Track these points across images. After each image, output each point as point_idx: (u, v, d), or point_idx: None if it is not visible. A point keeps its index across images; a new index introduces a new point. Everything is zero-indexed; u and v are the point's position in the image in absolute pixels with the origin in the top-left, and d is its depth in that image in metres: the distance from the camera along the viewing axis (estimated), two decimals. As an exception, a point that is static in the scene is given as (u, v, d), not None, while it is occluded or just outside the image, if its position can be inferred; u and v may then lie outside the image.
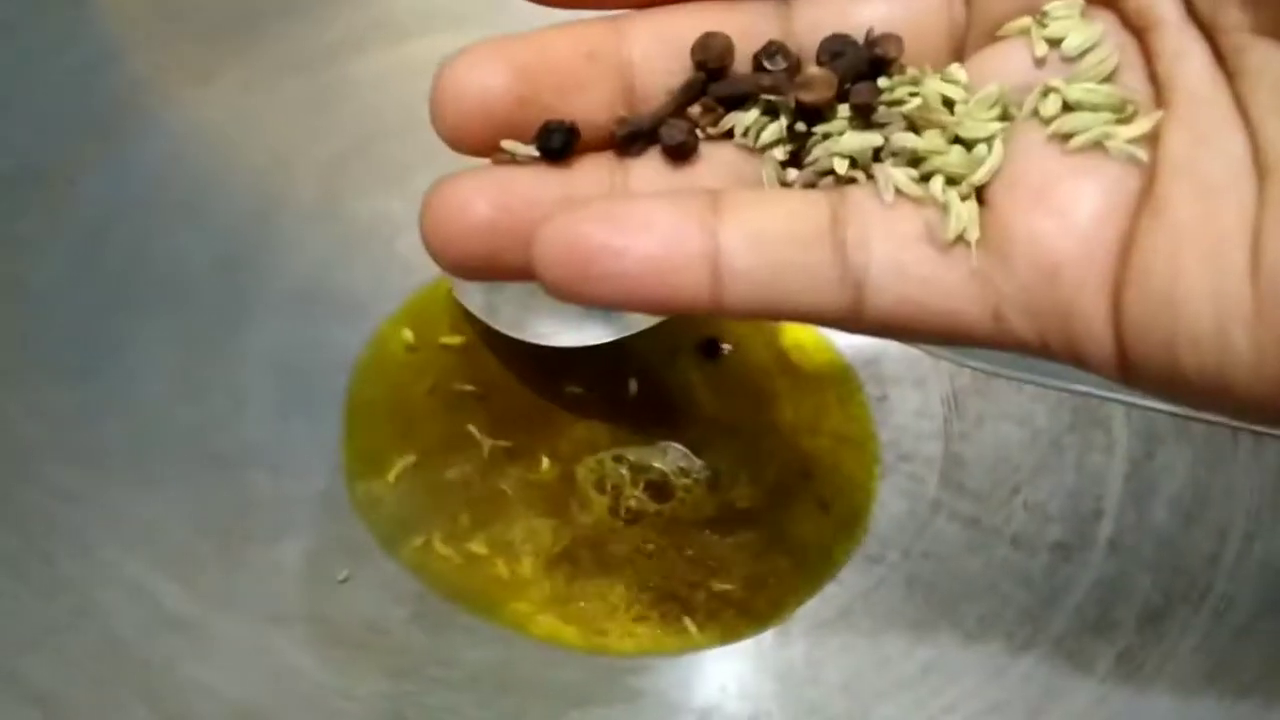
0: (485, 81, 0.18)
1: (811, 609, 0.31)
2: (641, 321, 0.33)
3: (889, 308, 0.17)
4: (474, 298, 0.35)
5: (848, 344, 0.36)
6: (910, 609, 0.31)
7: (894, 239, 0.18)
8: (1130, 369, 0.17)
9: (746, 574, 0.32)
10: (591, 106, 0.18)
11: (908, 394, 0.36)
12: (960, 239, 0.17)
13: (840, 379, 0.36)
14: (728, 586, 0.31)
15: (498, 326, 0.34)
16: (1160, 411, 0.28)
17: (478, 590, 0.31)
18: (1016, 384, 0.34)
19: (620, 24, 0.19)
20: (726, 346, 0.36)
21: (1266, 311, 0.16)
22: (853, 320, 0.18)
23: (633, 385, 0.34)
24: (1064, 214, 0.17)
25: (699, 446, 0.34)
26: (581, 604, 0.31)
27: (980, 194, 0.18)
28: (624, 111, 0.19)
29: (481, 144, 0.18)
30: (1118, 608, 0.30)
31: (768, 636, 0.31)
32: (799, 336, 0.37)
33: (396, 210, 0.37)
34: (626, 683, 0.30)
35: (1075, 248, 0.17)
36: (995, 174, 0.18)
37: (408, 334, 0.35)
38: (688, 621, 0.31)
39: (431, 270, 0.36)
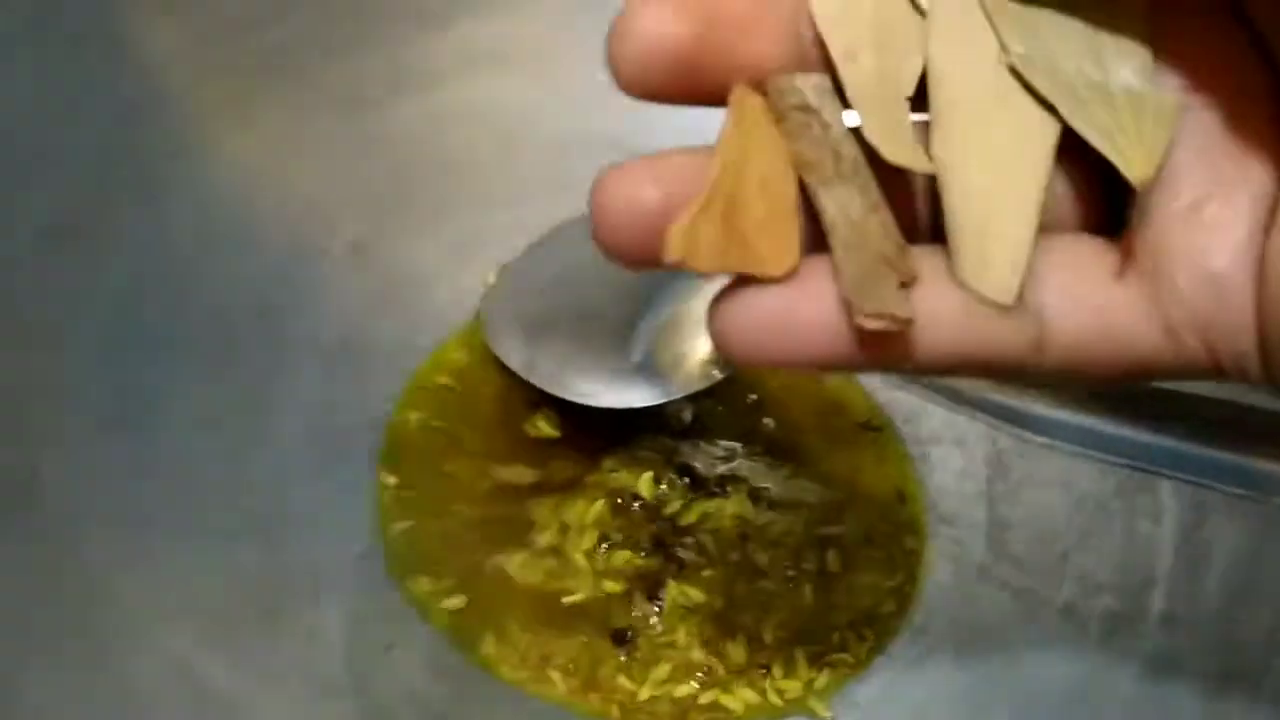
0: (663, 22, 0.17)
1: (859, 681, 0.31)
2: (688, 385, 0.32)
3: (1070, 340, 0.17)
4: (511, 354, 0.34)
5: (887, 400, 0.36)
6: (960, 683, 0.30)
7: (1066, 268, 0.17)
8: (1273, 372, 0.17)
9: (806, 650, 0.31)
10: (765, 49, 0.17)
11: (949, 453, 0.35)
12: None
13: (882, 438, 0.35)
14: (779, 663, 0.31)
15: (534, 382, 0.34)
16: (1208, 487, 0.28)
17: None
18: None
19: None
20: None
21: None
22: (1034, 360, 0.17)
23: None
24: (1219, 228, 0.17)
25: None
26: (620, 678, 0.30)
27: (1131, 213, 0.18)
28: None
29: (660, 86, 0.17)
30: (1175, 687, 0.29)
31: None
32: (838, 393, 0.36)
33: (430, 258, 0.37)
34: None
35: (1231, 261, 0.17)
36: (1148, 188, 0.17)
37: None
38: (736, 699, 0.30)
39: (460, 321, 0.36)
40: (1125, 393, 0.27)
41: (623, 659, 0.31)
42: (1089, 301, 0.17)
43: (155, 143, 0.33)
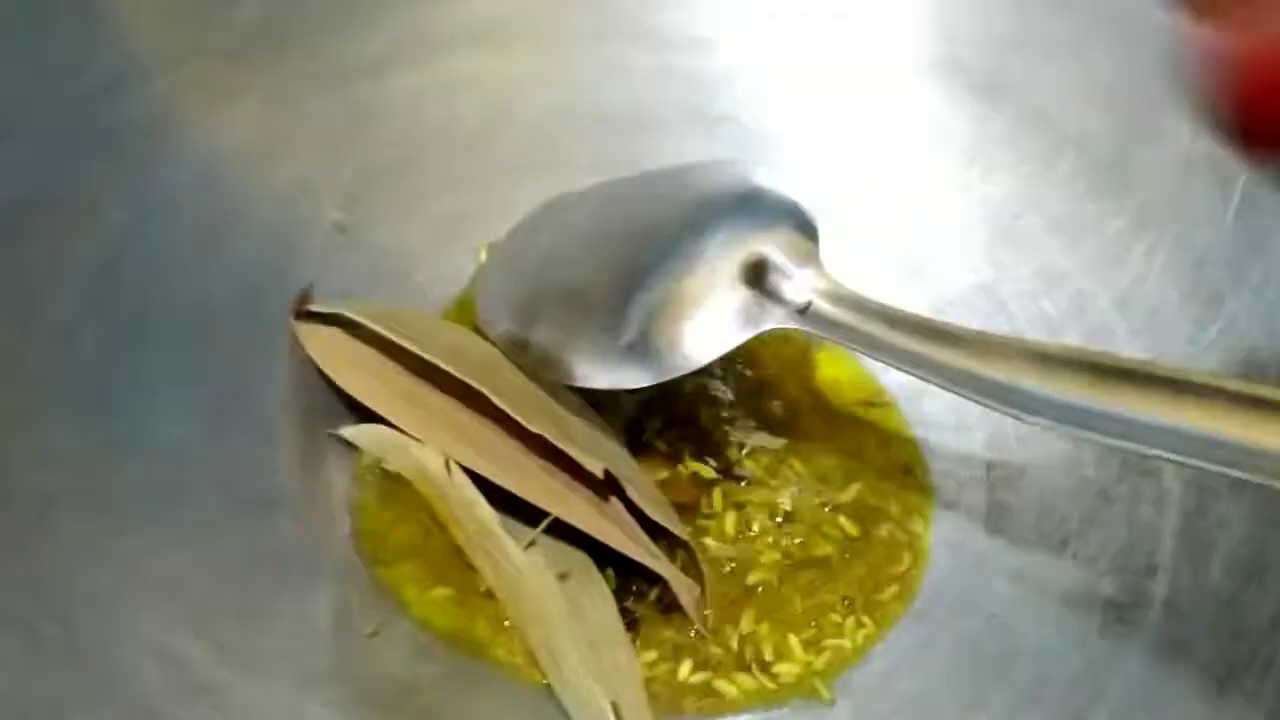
0: None
1: (857, 667, 0.30)
2: (682, 366, 0.32)
3: None
4: (501, 335, 0.33)
5: (889, 382, 0.35)
6: (961, 670, 0.30)
7: None
8: None
9: (807, 635, 0.30)
10: None
11: (948, 438, 0.34)
12: None
13: (886, 415, 0.35)
14: (785, 650, 0.30)
15: (525, 364, 0.33)
16: (1210, 470, 0.27)
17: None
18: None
19: None
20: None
21: None
22: None
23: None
24: None
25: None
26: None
27: None
28: None
29: None
30: (1178, 676, 0.29)
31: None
32: (836, 373, 0.36)
33: (418, 235, 0.36)
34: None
35: None
36: None
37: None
38: (732, 684, 0.29)
39: (448, 298, 0.35)
40: (1125, 372, 0.26)
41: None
42: None
43: (137, 117, 0.32)
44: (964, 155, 0.38)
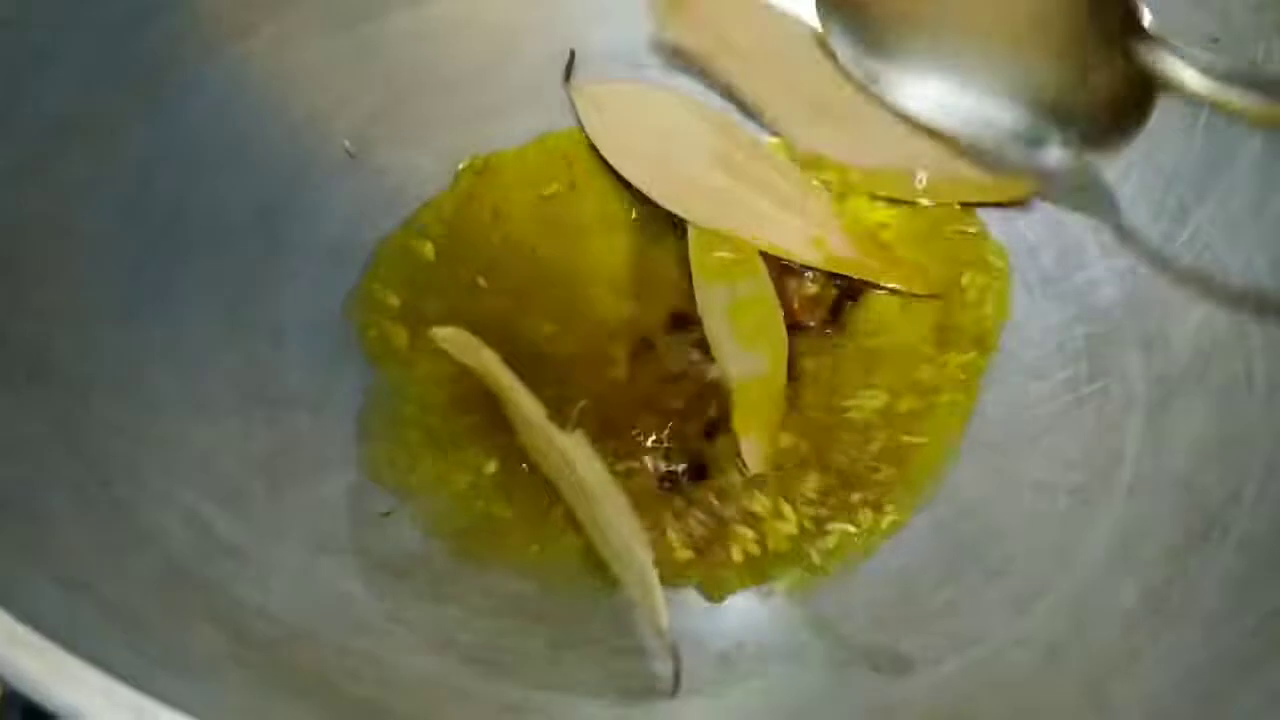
0: None
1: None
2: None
3: None
4: None
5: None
6: (938, 551, 0.32)
7: None
8: None
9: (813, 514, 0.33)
10: None
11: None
12: None
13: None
14: (786, 530, 0.32)
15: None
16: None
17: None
18: (1034, 339, 0.35)
19: None
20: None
21: None
22: None
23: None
24: None
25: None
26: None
27: None
28: None
29: None
30: (1140, 547, 0.30)
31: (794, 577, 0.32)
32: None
33: (425, 165, 0.38)
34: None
35: None
36: None
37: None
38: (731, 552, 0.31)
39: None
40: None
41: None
42: None
43: (159, 48, 0.34)
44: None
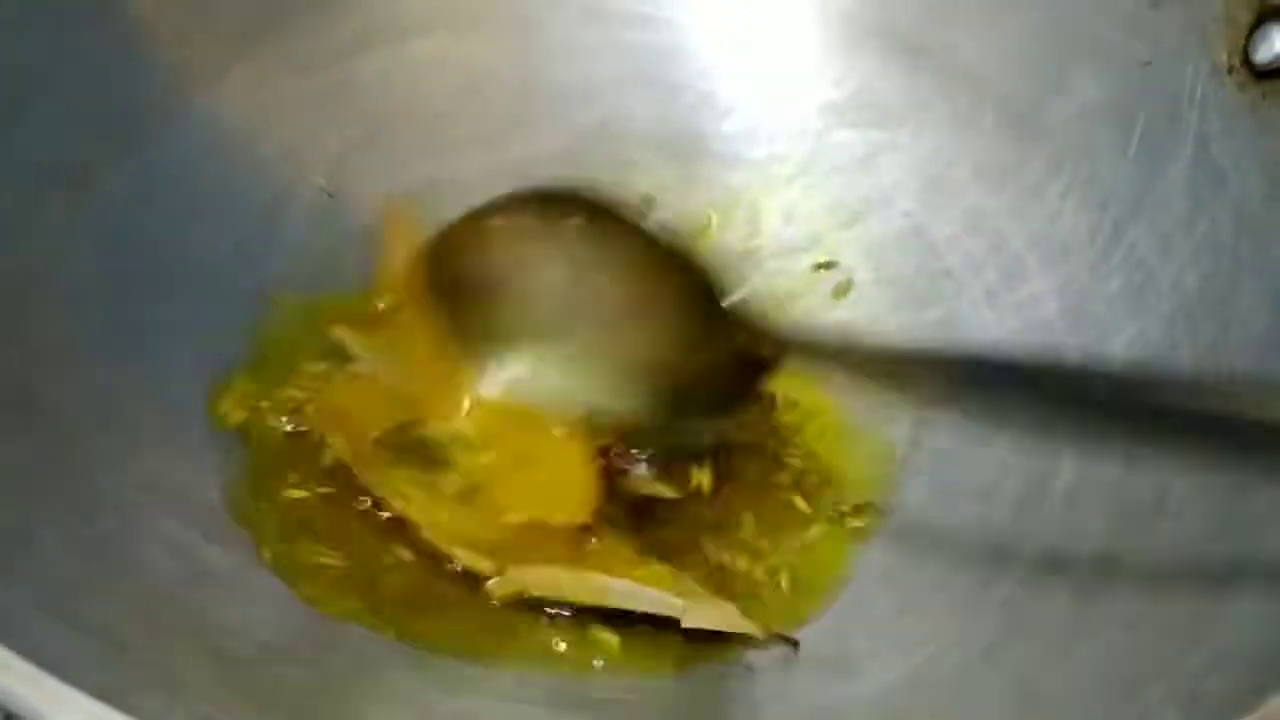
0: None
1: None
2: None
3: None
4: None
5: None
6: (879, 559, 0.34)
7: None
8: None
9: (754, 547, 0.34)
10: None
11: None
12: None
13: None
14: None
15: None
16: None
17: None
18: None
19: None
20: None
21: None
22: None
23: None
24: None
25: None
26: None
27: None
28: None
29: None
30: (1075, 549, 0.32)
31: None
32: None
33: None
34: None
35: None
36: None
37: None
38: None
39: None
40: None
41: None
42: None
43: (138, 92, 0.36)
44: (895, 117, 0.42)
